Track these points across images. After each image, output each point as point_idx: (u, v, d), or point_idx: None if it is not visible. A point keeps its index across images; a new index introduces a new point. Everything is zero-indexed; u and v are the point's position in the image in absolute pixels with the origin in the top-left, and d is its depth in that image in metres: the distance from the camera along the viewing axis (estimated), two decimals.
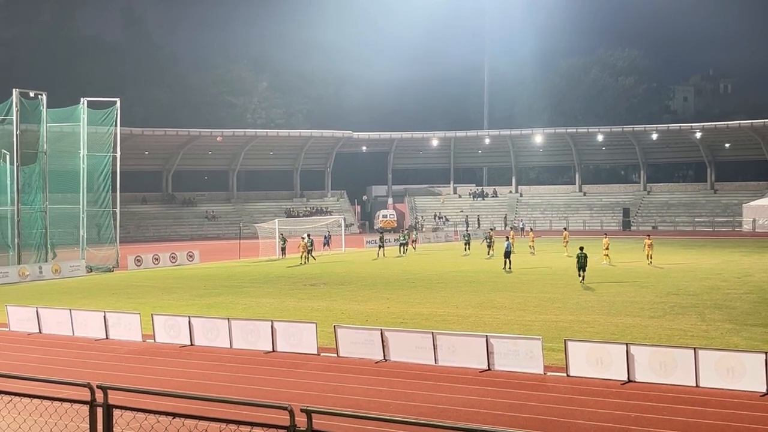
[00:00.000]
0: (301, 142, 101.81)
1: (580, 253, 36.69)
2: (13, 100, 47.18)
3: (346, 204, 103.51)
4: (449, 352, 19.31)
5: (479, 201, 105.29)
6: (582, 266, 36.37)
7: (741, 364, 16.51)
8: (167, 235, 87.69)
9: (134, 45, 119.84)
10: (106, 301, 32.85)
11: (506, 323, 25.13)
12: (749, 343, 20.95)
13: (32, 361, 21.26)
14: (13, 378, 9.17)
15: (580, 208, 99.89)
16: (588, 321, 25.25)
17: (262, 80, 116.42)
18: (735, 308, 27.51)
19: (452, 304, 30.18)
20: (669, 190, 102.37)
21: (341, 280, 40.69)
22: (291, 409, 7.03)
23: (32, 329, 25.91)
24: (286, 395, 16.59)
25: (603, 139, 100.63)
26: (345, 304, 30.69)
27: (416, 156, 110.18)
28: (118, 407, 7.87)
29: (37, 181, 48.75)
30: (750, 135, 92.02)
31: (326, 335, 21.79)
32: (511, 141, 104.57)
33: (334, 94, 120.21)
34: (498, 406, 15.91)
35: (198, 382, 18.39)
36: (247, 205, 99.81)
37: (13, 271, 44.65)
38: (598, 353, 17.88)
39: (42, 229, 48.62)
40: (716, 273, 40.05)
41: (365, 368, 19.41)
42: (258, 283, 40.19)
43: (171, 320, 23.70)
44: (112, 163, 50.94)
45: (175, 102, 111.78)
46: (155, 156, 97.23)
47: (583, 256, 36.48)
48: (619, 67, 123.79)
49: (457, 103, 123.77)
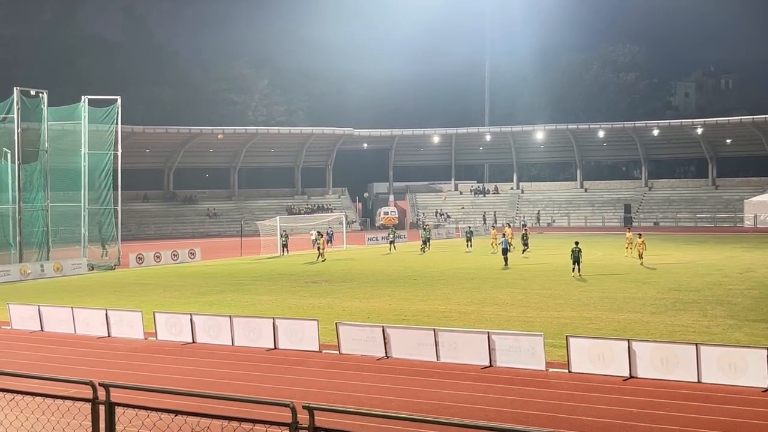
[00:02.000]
0: (302, 140, 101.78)
1: (575, 248, 37.86)
2: (14, 98, 47.18)
3: (347, 201, 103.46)
4: (451, 348, 19.32)
5: (480, 198, 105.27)
6: (576, 260, 37.49)
7: (743, 359, 16.51)
8: (169, 233, 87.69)
9: (135, 43, 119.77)
10: (107, 299, 32.88)
11: (508, 320, 25.15)
12: (751, 338, 20.95)
13: (34, 359, 21.28)
14: (15, 376, 9.17)
15: (582, 204, 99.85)
16: (589, 317, 25.26)
17: (263, 77, 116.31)
18: (737, 304, 27.51)
19: (454, 300, 30.19)
20: (670, 186, 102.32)
21: (343, 277, 40.71)
22: (293, 407, 7.03)
23: (34, 327, 25.93)
24: (288, 392, 16.59)
25: (604, 136, 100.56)
26: (347, 302, 30.71)
27: (417, 153, 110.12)
28: (121, 405, 7.88)
29: (39, 179, 48.77)
30: (751, 130, 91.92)
31: (328, 332, 21.81)
32: (512, 137, 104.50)
33: (335, 92, 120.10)
34: (500, 402, 15.92)
35: (200, 379, 18.40)
36: (248, 203, 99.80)
37: (14, 269, 44.66)
38: (599, 349, 17.89)
39: (43, 227, 48.64)
40: (718, 269, 40.03)
41: (367, 365, 19.43)
42: (260, 280, 40.21)
43: (173, 318, 23.73)
44: (114, 161, 50.93)
45: (176, 100, 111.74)
46: (156, 154, 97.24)
47: (577, 250, 37.69)
48: (620, 64, 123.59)
49: (458, 99, 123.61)
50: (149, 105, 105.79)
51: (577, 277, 36.78)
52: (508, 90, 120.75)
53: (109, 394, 7.87)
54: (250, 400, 8.26)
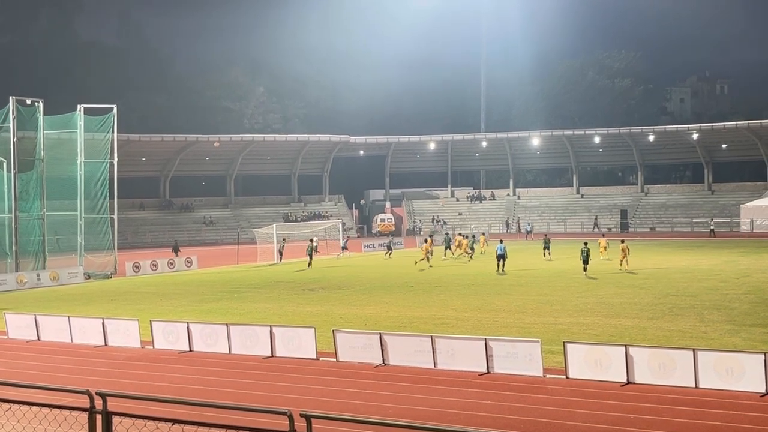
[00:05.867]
0: (299, 147, 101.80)
1: (584, 248, 40.48)
2: (9, 107, 47.16)
3: (344, 208, 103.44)
4: (448, 355, 19.31)
5: (477, 204, 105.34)
6: (585, 260, 39.97)
7: (740, 364, 16.52)
8: (165, 241, 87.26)
9: (131, 51, 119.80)
10: (104, 308, 32.83)
11: (505, 326, 25.14)
12: (748, 343, 20.97)
13: (31, 368, 21.23)
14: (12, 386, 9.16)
15: (578, 210, 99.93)
16: (587, 323, 25.26)
17: (258, 85, 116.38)
18: (734, 309, 27.53)
19: (451, 307, 30.17)
20: (667, 191, 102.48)
21: (339, 284, 40.67)
22: (290, 414, 7.03)
23: (31, 336, 25.88)
24: (286, 400, 16.57)
25: (600, 141, 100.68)
26: (343, 309, 30.69)
27: (413, 160, 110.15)
28: (118, 414, 7.87)
29: (35, 188, 48.72)
30: (747, 136, 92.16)
31: (325, 340, 21.78)
32: (509, 144, 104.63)
33: (331, 99, 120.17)
34: (497, 409, 15.91)
35: (197, 387, 18.37)
36: (244, 210, 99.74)
37: (11, 278, 44.58)
38: (597, 355, 17.89)
39: (40, 236, 48.60)
40: (715, 274, 40.06)
41: (364, 372, 19.41)
42: (256, 288, 40.16)
43: (170, 326, 23.69)
44: (110, 169, 50.96)
45: (172, 107, 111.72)
46: (152, 162, 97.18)
47: (586, 251, 40.27)
48: (616, 69, 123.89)
49: (454, 106, 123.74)
50: (145, 112, 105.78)
51: (586, 276, 38.80)
52: (504, 96, 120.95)
53: (106, 403, 7.87)
54: (247, 408, 8.26)
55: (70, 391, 8.50)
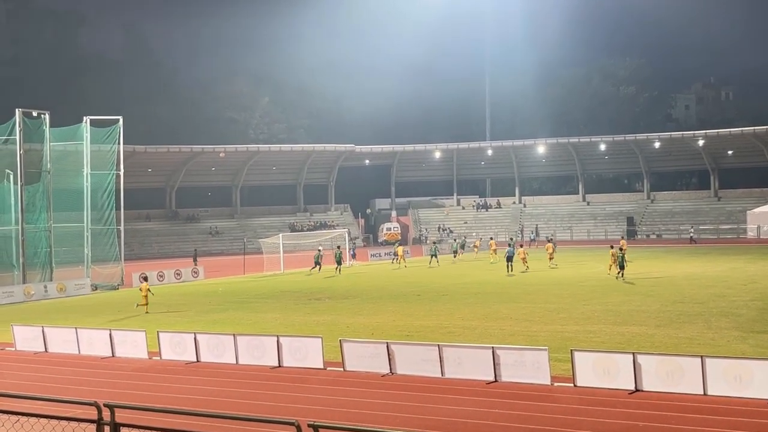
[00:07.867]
0: (304, 157, 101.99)
1: (619, 253, 42.51)
2: (16, 119, 47.35)
3: (350, 217, 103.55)
4: (455, 364, 19.27)
5: (483, 212, 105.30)
6: (621, 265, 41.67)
7: (749, 371, 16.44)
8: (171, 252, 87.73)
9: (136, 62, 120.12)
10: (111, 319, 32.86)
11: (512, 334, 25.09)
12: (756, 350, 20.88)
13: (39, 380, 21.25)
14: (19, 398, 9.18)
15: (584, 217, 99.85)
16: (594, 331, 25.19)
17: (263, 95, 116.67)
18: (741, 315, 27.43)
19: (458, 316, 30.13)
20: (673, 198, 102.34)
21: (346, 293, 40.66)
22: (298, 424, 7.03)
23: (38, 348, 25.91)
24: (293, 410, 16.55)
25: (605, 149, 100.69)
26: (350, 318, 30.67)
27: (419, 168, 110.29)
28: (126, 425, 7.88)
29: (41, 200, 48.90)
30: (752, 142, 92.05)
31: (332, 349, 21.76)
32: (514, 152, 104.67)
33: (336, 109, 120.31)
34: (505, 417, 15.86)
35: (205, 398, 18.37)
36: (250, 221, 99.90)
37: (18, 290, 44.71)
38: (604, 363, 17.83)
39: (46, 248, 48.72)
40: (722, 280, 39.94)
41: (372, 382, 19.38)
42: (263, 298, 40.17)
43: (177, 337, 23.70)
44: (116, 180, 51.09)
45: (177, 118, 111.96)
46: (158, 173, 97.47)
47: (621, 256, 41.97)
48: (621, 77, 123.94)
49: (459, 114, 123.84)
50: (150, 124, 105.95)
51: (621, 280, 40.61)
52: (508, 104, 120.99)
53: (114, 415, 7.87)
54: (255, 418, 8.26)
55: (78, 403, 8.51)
